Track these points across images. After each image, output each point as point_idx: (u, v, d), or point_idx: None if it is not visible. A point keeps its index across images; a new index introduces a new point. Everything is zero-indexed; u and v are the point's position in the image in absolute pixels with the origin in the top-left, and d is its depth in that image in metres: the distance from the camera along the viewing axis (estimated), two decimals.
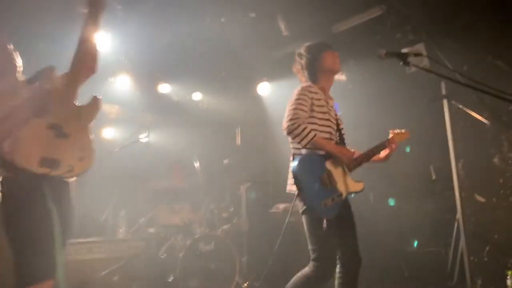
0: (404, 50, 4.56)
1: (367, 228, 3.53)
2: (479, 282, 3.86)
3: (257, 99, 6.19)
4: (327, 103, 2.85)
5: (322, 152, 2.71)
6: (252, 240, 4.76)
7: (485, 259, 3.98)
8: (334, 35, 4.88)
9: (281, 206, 5.17)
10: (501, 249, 3.94)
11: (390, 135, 3.00)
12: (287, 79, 5.64)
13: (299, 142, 2.65)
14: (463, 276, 3.91)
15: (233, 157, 5.27)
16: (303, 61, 2.94)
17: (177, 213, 4.76)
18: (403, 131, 3.05)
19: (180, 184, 5.20)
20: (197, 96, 6.44)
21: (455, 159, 4.22)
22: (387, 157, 2.97)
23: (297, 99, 2.70)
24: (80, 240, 4.20)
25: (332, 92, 2.99)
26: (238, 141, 5.33)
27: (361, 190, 2.84)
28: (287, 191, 2.83)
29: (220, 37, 5.08)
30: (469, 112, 4.24)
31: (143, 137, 5.48)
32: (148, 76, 6.06)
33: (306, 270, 2.69)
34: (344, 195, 2.72)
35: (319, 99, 2.79)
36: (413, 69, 2.74)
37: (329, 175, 2.69)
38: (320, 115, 2.78)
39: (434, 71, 3.30)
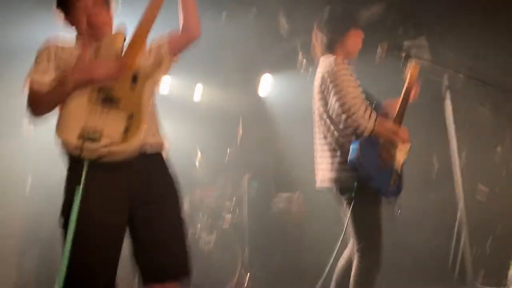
0: (406, 43, 4.55)
1: None
2: (482, 273, 3.85)
3: (259, 93, 6.20)
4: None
5: None
6: (255, 231, 4.76)
7: (488, 250, 3.97)
8: None
9: (284, 195, 5.23)
10: (504, 240, 3.93)
11: (407, 76, 2.70)
12: (290, 73, 5.66)
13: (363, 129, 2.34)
14: (466, 268, 3.89)
15: (235, 147, 5.27)
16: (325, 34, 2.72)
17: None
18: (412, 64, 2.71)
19: None
20: (198, 89, 6.43)
21: (458, 150, 4.20)
22: (415, 96, 2.76)
23: (345, 78, 2.46)
24: None
25: None
26: (240, 132, 5.34)
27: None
28: (318, 187, 2.58)
29: (221, 32, 5.07)
30: (471, 103, 4.23)
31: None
32: None
33: (355, 265, 2.40)
34: (399, 169, 2.47)
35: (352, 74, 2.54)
36: (415, 61, 2.70)
37: (386, 150, 2.43)
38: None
39: (436, 63, 3.29)
